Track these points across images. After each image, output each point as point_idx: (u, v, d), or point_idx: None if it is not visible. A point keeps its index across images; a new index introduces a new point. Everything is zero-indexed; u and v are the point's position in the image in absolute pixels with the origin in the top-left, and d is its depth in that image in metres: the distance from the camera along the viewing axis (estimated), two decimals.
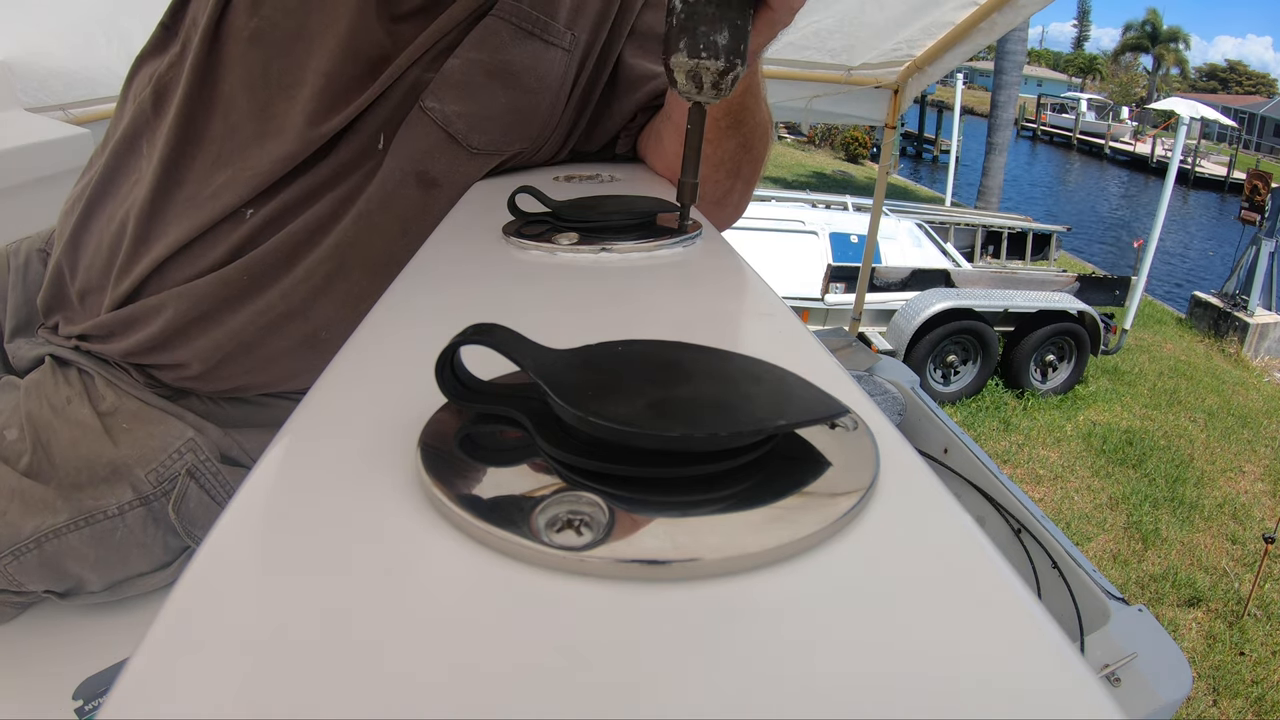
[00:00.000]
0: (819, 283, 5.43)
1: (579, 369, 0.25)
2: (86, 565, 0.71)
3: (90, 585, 0.74)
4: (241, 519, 0.22)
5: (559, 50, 0.73)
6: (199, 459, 0.74)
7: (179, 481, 0.73)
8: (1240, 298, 7.35)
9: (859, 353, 2.53)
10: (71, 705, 0.67)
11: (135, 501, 0.71)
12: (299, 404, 0.29)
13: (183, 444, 0.73)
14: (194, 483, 0.74)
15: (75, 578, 0.72)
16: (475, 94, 0.70)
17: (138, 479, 0.71)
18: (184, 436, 0.73)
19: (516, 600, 0.19)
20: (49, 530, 0.68)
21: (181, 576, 0.20)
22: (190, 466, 0.73)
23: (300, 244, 0.70)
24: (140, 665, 0.17)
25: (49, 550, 0.69)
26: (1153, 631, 1.45)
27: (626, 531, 0.21)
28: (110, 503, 0.70)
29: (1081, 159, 27.68)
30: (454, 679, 0.17)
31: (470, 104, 0.70)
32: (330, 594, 0.19)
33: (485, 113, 0.71)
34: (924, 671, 0.17)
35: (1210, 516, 4.34)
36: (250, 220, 0.69)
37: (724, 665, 0.17)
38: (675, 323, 0.39)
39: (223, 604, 0.19)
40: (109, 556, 0.72)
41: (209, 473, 0.75)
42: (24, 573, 0.69)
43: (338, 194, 0.70)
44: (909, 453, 0.26)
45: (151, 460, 0.72)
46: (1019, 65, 11.92)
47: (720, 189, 0.80)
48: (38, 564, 0.69)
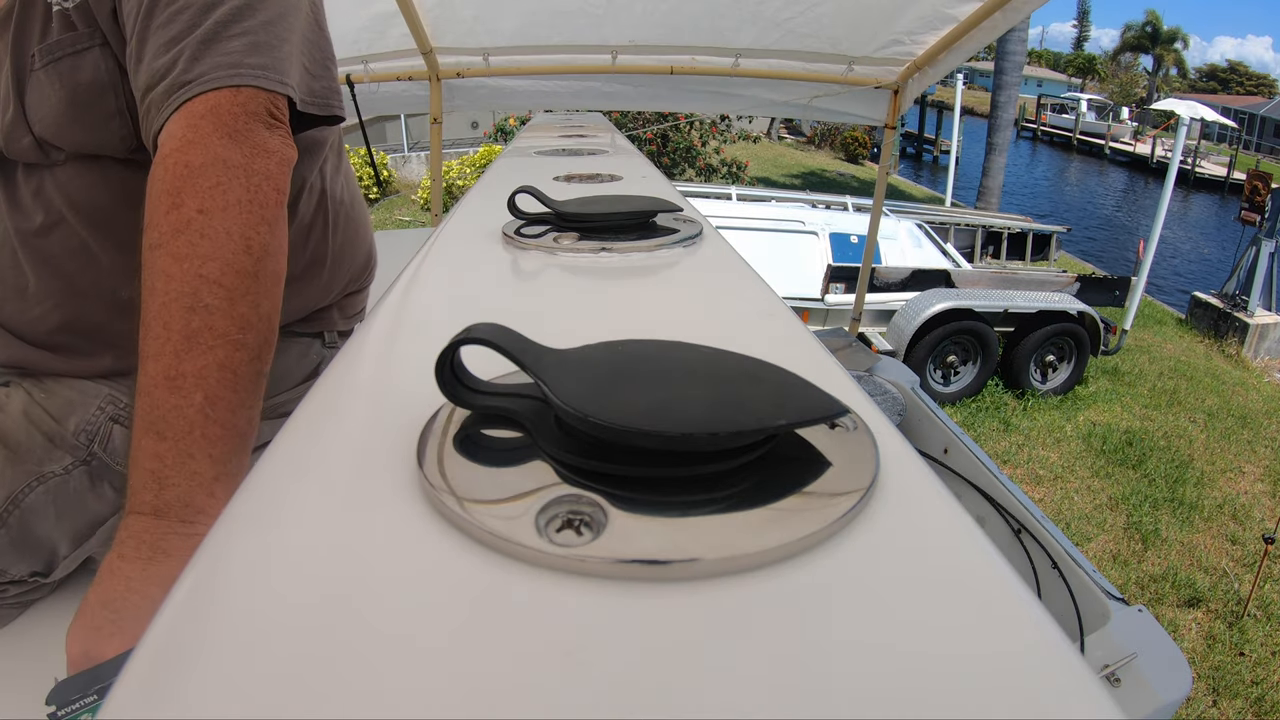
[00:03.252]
0: (819, 283, 5.43)
1: (579, 369, 0.25)
2: (50, 523, 0.77)
3: (61, 549, 0.79)
4: (241, 518, 0.22)
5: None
6: (119, 407, 0.82)
7: (102, 427, 0.81)
8: (1240, 298, 7.35)
9: (859, 353, 2.53)
10: (45, 710, 0.67)
11: (75, 462, 0.79)
12: (299, 403, 0.29)
13: (102, 400, 0.82)
14: (117, 425, 0.82)
15: (47, 545, 0.77)
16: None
17: (71, 444, 0.79)
18: (101, 394, 0.82)
19: (516, 599, 0.19)
20: (7, 500, 0.74)
21: (181, 577, 0.20)
22: (112, 415, 0.82)
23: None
24: (140, 665, 0.17)
25: (14, 522, 0.74)
26: (1152, 632, 1.45)
27: (626, 531, 0.21)
28: (55, 466, 0.77)
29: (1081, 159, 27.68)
30: (454, 678, 0.16)
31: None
32: (330, 594, 0.19)
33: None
34: (924, 671, 0.17)
35: (1210, 517, 4.33)
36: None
37: (724, 665, 0.17)
38: (675, 323, 0.39)
39: (223, 604, 0.19)
40: (69, 509, 0.78)
41: (130, 414, 0.81)
42: (1, 555, 0.74)
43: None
44: (909, 453, 0.26)
45: (80, 422, 0.80)
46: (1019, 65, 11.91)
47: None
48: (9, 541, 0.74)
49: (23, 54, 0.72)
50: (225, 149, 0.62)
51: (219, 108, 0.64)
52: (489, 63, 2.32)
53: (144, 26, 0.67)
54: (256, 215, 0.61)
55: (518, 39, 2.24)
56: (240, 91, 0.65)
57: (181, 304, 0.56)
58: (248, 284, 0.59)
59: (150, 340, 0.56)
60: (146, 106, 0.67)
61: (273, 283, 0.62)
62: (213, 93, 0.64)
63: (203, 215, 0.59)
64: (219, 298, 0.57)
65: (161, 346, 0.56)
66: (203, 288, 0.57)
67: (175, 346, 0.56)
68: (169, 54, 0.66)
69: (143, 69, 0.67)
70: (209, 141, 0.62)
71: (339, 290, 0.97)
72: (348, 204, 0.97)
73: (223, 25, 0.67)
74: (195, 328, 0.56)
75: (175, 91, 0.64)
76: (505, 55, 2.32)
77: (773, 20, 2.24)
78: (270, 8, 0.70)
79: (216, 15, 0.67)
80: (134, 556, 0.54)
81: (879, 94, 2.58)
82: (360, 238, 1.00)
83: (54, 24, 0.71)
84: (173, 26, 0.66)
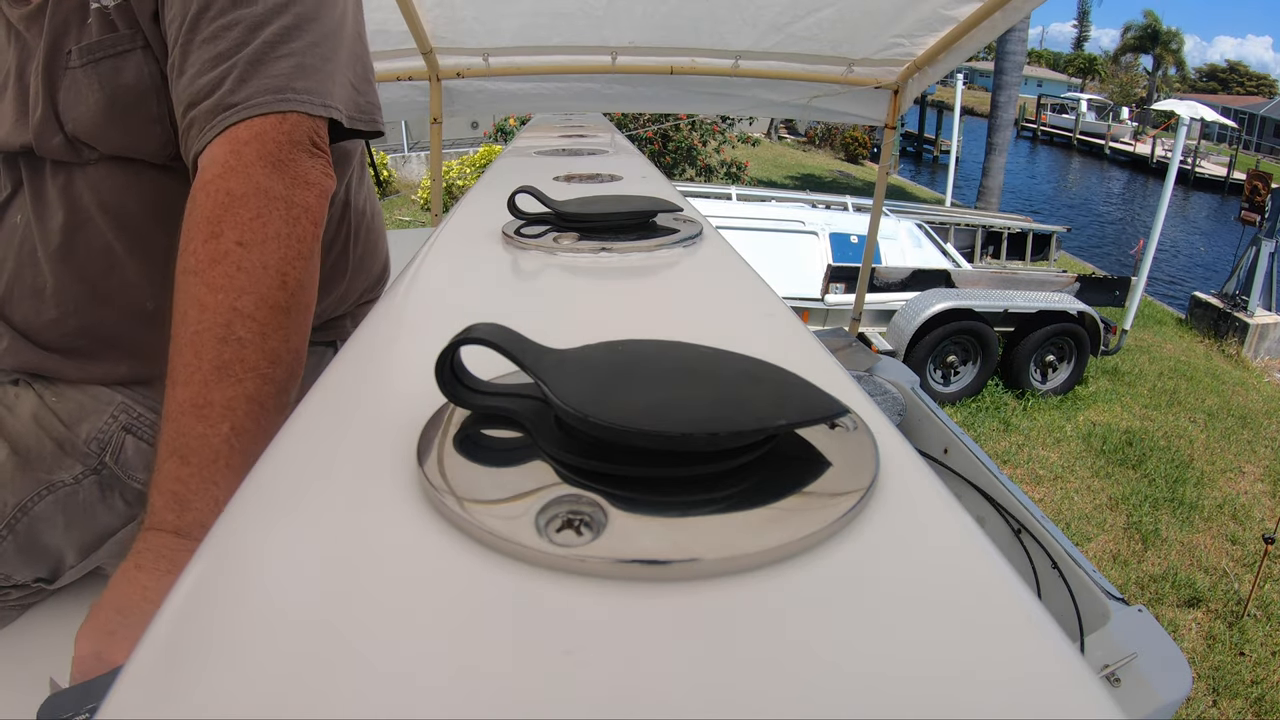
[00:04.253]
0: (819, 283, 5.43)
1: (579, 369, 0.25)
2: (59, 533, 0.76)
3: (69, 559, 0.78)
4: (241, 518, 0.22)
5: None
6: (132, 416, 0.80)
7: (114, 436, 0.79)
8: (1240, 298, 7.35)
9: (859, 353, 2.53)
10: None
11: (86, 471, 0.77)
12: (300, 403, 0.29)
13: (115, 408, 0.80)
14: (130, 435, 0.80)
15: (54, 554, 0.76)
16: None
17: (82, 452, 0.77)
18: (114, 401, 0.80)
19: (516, 599, 0.19)
20: (16, 507, 0.73)
21: (181, 576, 0.20)
22: (125, 424, 0.80)
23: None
24: (140, 666, 0.17)
25: (21, 530, 0.73)
26: (1152, 631, 1.45)
27: (626, 531, 0.21)
28: (65, 475, 0.76)
29: (1081, 159, 27.67)
30: (454, 678, 0.16)
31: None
32: (330, 593, 0.19)
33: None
34: (924, 671, 0.17)
35: (1210, 517, 4.33)
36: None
37: (723, 665, 0.17)
38: (675, 323, 0.39)
39: (223, 604, 0.19)
40: (77, 519, 0.77)
41: (144, 425, 0.81)
42: (6, 561, 0.73)
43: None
44: (909, 453, 0.26)
45: (92, 430, 0.78)
46: (1019, 65, 11.91)
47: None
48: (15, 548, 0.73)
49: (57, 51, 0.70)
50: (268, 179, 0.61)
51: (264, 135, 0.63)
52: (489, 63, 2.32)
53: (188, 38, 0.66)
54: (294, 249, 0.61)
55: (518, 39, 2.24)
56: (286, 118, 0.64)
57: (214, 334, 0.57)
58: (280, 318, 0.59)
59: (180, 366, 0.57)
60: (188, 123, 0.66)
61: (304, 316, 0.63)
62: (258, 119, 0.63)
63: (241, 248, 0.59)
64: (252, 331, 0.58)
65: (191, 374, 0.56)
66: (236, 321, 0.57)
67: (205, 375, 0.56)
68: (214, 71, 0.64)
69: (185, 82, 0.66)
70: (252, 170, 0.61)
71: (354, 300, 0.97)
72: (369, 216, 0.97)
73: (270, 46, 0.66)
74: (226, 359, 0.57)
75: (220, 114, 0.63)
76: (505, 56, 2.32)
77: (773, 24, 2.24)
78: (318, 27, 0.69)
79: (265, 35, 0.66)
80: (151, 568, 0.54)
81: (879, 94, 2.58)
82: (378, 249, 1.00)
83: (93, 22, 0.69)
84: (219, 42, 0.65)
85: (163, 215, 0.74)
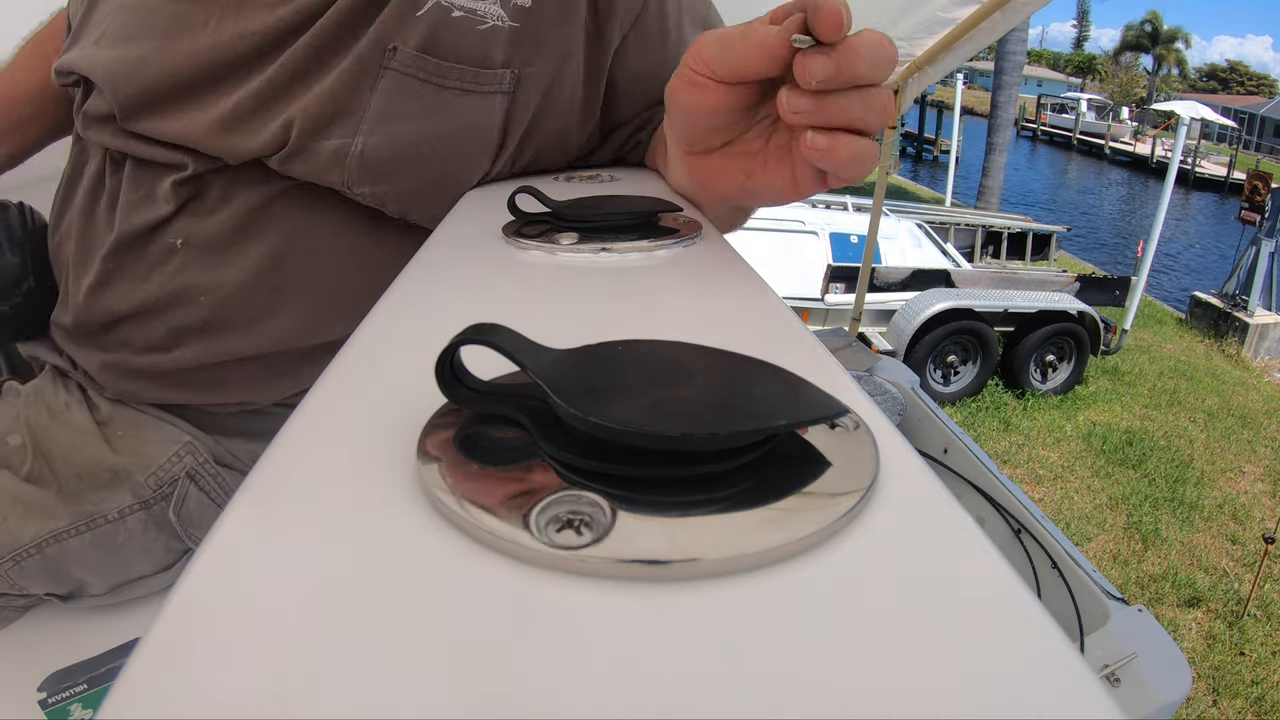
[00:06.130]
0: (819, 283, 5.43)
1: (579, 369, 0.25)
2: (88, 568, 0.72)
3: (92, 588, 0.74)
4: (240, 520, 0.22)
5: (497, 95, 0.64)
6: (198, 461, 0.74)
7: (178, 484, 0.73)
8: (1240, 298, 7.35)
9: (859, 353, 2.53)
10: (36, 696, 0.67)
11: (135, 505, 0.71)
12: (300, 403, 0.29)
13: (180, 448, 0.73)
14: (193, 485, 0.73)
15: (77, 581, 0.73)
16: (406, 168, 0.63)
17: (137, 483, 0.71)
18: (181, 440, 0.73)
19: (516, 599, 0.19)
20: (50, 535, 0.69)
21: (179, 579, 0.20)
22: (189, 469, 0.73)
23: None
24: (140, 666, 0.17)
25: (50, 555, 0.69)
26: (1152, 631, 1.45)
27: (627, 531, 0.21)
28: (110, 507, 0.70)
29: (1081, 159, 27.67)
30: (453, 679, 0.16)
31: (401, 181, 0.64)
32: (329, 594, 0.19)
33: (419, 188, 0.65)
34: (923, 671, 0.17)
35: (1210, 517, 4.34)
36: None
37: (724, 665, 0.17)
38: (675, 322, 0.39)
39: (222, 605, 0.19)
40: (110, 560, 0.72)
41: (208, 475, 0.75)
42: (25, 577, 0.70)
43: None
44: (909, 453, 0.26)
45: (150, 465, 0.71)
46: (1019, 65, 11.91)
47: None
48: (39, 568, 0.70)
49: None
50: None
51: None
52: None
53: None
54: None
55: None
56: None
57: None
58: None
59: None
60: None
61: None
62: None
63: None
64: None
65: None
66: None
67: None
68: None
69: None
70: None
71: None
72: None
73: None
74: None
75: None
76: None
77: None
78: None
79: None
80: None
81: None
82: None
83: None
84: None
85: (345, 253, 0.68)
